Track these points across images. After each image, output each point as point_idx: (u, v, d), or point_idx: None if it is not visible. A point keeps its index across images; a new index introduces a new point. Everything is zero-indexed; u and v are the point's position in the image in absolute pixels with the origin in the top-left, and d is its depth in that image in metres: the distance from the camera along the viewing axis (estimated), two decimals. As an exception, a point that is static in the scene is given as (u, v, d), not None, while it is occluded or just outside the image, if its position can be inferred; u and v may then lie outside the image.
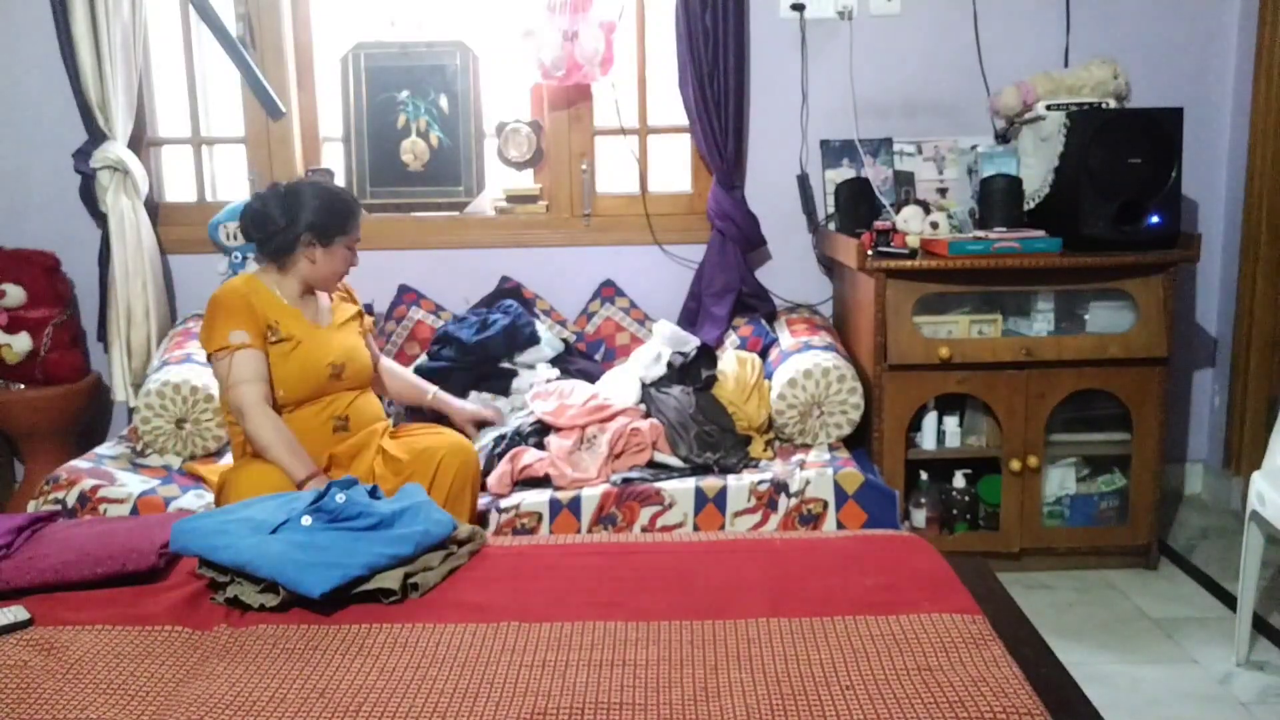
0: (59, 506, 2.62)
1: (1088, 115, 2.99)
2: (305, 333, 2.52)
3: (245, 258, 3.39)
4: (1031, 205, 3.13)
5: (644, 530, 2.65)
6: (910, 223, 3.00)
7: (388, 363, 2.93)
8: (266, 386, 2.45)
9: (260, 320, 2.46)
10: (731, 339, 3.38)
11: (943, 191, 3.41)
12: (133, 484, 2.73)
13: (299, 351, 2.49)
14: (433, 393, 2.93)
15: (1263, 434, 3.12)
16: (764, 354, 3.26)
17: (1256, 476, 2.48)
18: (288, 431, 2.43)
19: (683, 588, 1.83)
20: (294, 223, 2.49)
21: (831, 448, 2.93)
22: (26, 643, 1.64)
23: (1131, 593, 2.96)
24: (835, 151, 3.47)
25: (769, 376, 3.09)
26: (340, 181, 3.56)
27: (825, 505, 2.68)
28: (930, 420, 3.05)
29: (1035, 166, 3.14)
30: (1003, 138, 3.43)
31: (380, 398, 2.82)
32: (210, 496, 2.62)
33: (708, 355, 3.21)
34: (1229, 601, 2.83)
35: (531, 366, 3.22)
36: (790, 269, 3.59)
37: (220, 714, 1.46)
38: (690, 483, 2.72)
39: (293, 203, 2.50)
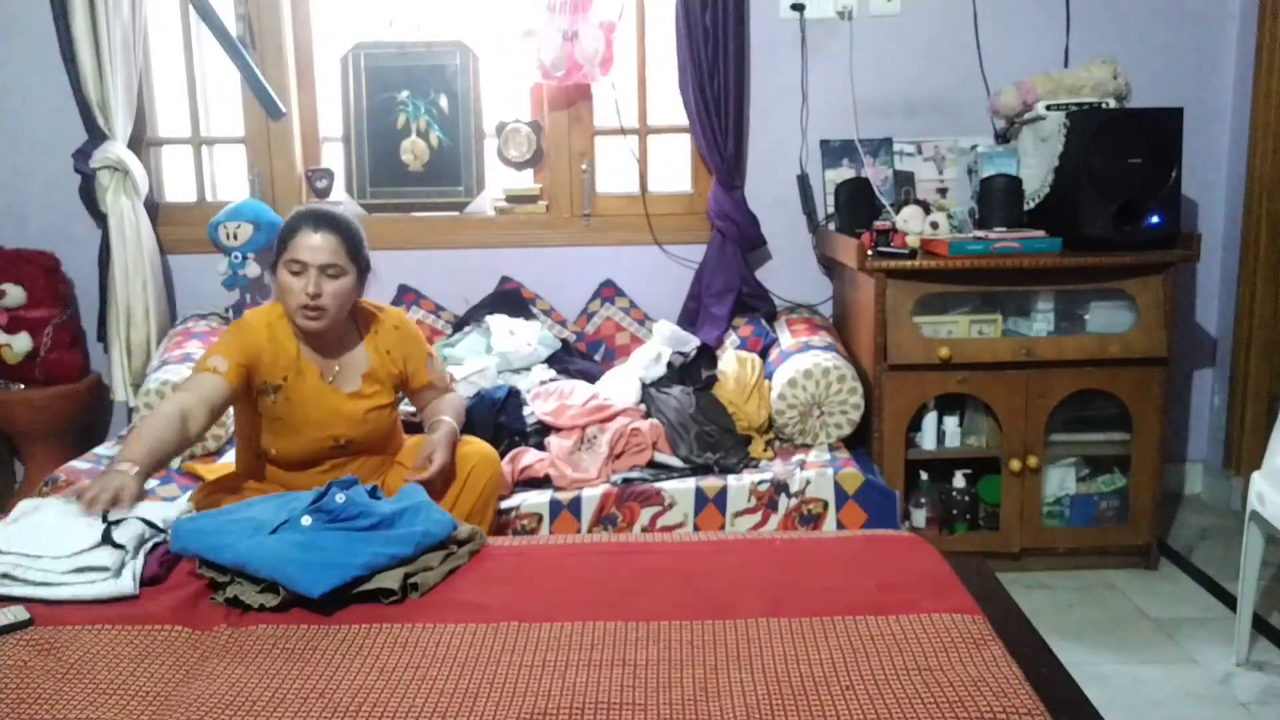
0: (59, 506, 2.61)
1: (1088, 115, 2.99)
2: (311, 393, 2.28)
3: (245, 257, 3.39)
4: (1031, 205, 3.13)
5: (644, 530, 2.66)
6: (910, 223, 3.00)
7: (428, 405, 2.51)
8: (204, 412, 2.13)
9: (253, 361, 2.23)
10: (731, 339, 3.38)
11: (943, 191, 3.42)
12: (132, 484, 2.73)
13: (295, 413, 2.28)
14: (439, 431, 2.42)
15: (1263, 434, 3.12)
16: (764, 354, 3.26)
17: (1256, 476, 2.48)
18: (161, 426, 2.06)
19: (683, 588, 1.83)
20: None
21: (831, 448, 2.93)
22: (26, 643, 1.63)
23: (1131, 593, 2.96)
24: (835, 151, 3.47)
25: (769, 376, 3.09)
26: (340, 181, 3.57)
27: (825, 505, 2.68)
28: (930, 420, 3.04)
29: (1035, 166, 3.15)
30: (1003, 138, 3.43)
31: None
32: None
33: (708, 355, 3.21)
34: (1229, 601, 2.83)
35: (528, 368, 3.22)
36: (790, 269, 3.59)
37: (220, 714, 1.46)
38: (690, 483, 2.72)
39: None
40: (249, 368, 2.23)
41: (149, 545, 1.90)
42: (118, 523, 1.87)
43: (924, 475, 3.10)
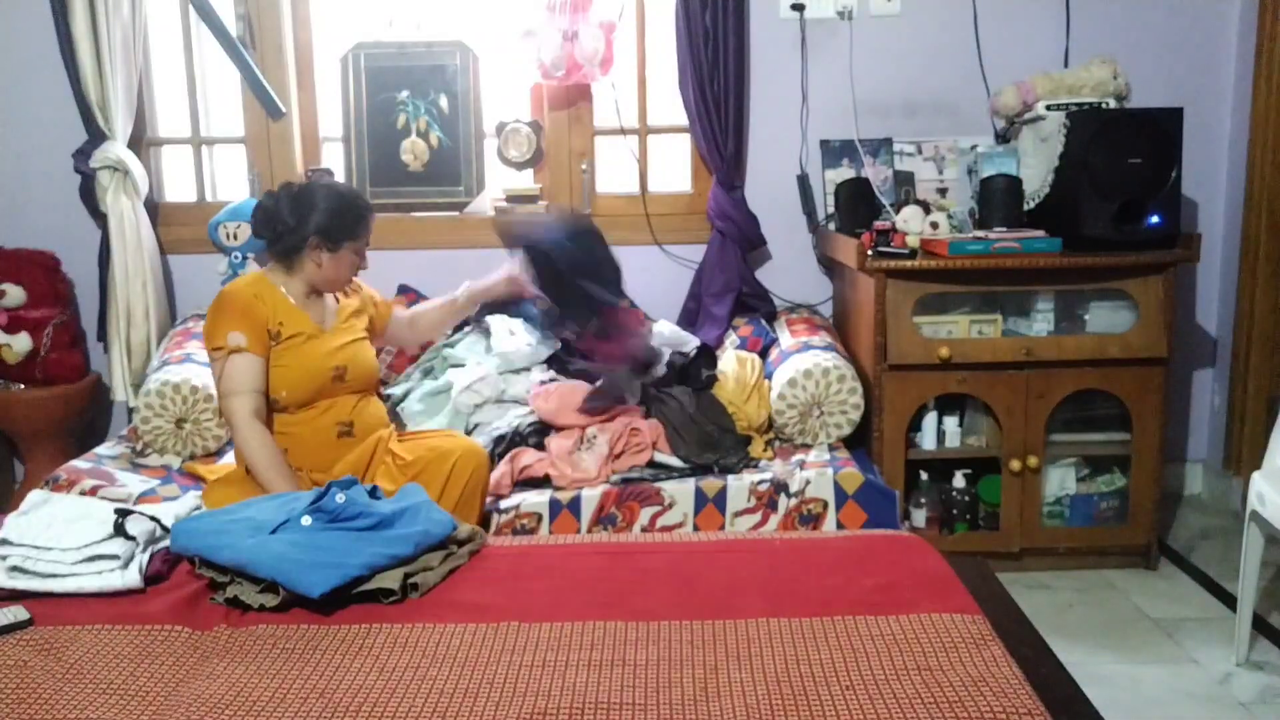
0: (59, 506, 2.62)
1: (1088, 115, 2.99)
2: (310, 334, 2.51)
3: (245, 258, 3.39)
4: (1031, 205, 3.13)
5: (644, 530, 2.66)
6: (910, 223, 3.00)
7: (407, 312, 2.97)
8: (260, 398, 2.42)
9: (262, 322, 2.44)
10: (731, 339, 3.38)
11: (943, 191, 3.41)
12: (132, 484, 2.73)
13: (302, 353, 2.48)
14: (462, 290, 3.00)
15: (1263, 434, 3.12)
16: (764, 354, 3.26)
17: (1256, 476, 2.48)
18: (275, 450, 2.41)
19: (683, 588, 1.83)
20: (303, 224, 2.48)
21: (831, 448, 2.93)
22: (26, 643, 1.64)
23: (1131, 593, 2.96)
24: (835, 151, 3.47)
25: (769, 376, 3.09)
26: (340, 181, 3.56)
27: (825, 505, 2.68)
28: (930, 420, 3.05)
29: (1035, 166, 3.14)
30: (1003, 138, 3.43)
31: (384, 398, 2.81)
32: None
33: (708, 355, 3.21)
34: (1229, 601, 2.83)
35: (527, 369, 3.22)
36: (790, 269, 3.59)
37: (220, 714, 1.46)
38: (690, 483, 2.72)
39: (304, 203, 2.49)
40: (257, 325, 2.43)
41: (156, 545, 1.91)
42: (130, 514, 1.88)
43: (924, 475, 3.10)
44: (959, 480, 3.07)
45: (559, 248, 2.92)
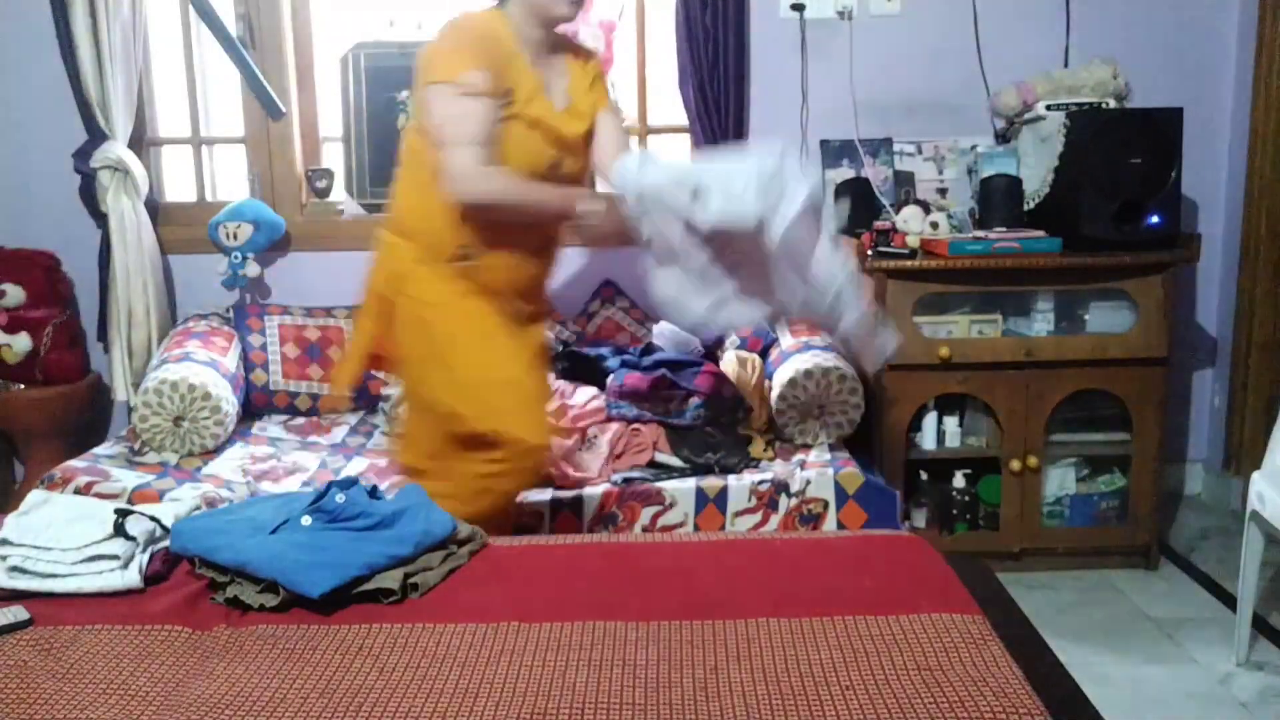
0: (58, 506, 2.61)
1: (1088, 115, 2.99)
2: (538, 109, 2.12)
3: (245, 258, 3.39)
4: (1031, 205, 3.14)
5: (644, 530, 2.66)
6: (910, 223, 3.00)
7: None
8: (489, 158, 2.02)
9: (500, 68, 2.04)
10: (732, 339, 3.37)
11: (943, 191, 3.42)
12: (128, 479, 2.73)
13: (525, 130, 2.11)
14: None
15: (1263, 434, 3.12)
16: (764, 354, 3.26)
17: (1256, 476, 2.48)
18: (521, 178, 2.05)
19: (683, 588, 1.83)
20: None
21: (832, 448, 2.93)
22: (26, 643, 1.63)
23: (1131, 593, 2.96)
24: (835, 151, 3.47)
25: (769, 376, 3.09)
26: (340, 181, 3.57)
27: (825, 505, 2.68)
28: (930, 420, 3.05)
29: (1035, 166, 3.15)
30: (1003, 138, 3.43)
31: (385, 399, 2.78)
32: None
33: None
34: (1229, 601, 2.83)
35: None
36: (790, 269, 3.59)
37: (220, 714, 1.45)
38: (691, 483, 2.72)
39: None
40: (499, 73, 2.04)
41: (156, 545, 1.91)
42: (130, 514, 1.88)
43: (924, 475, 3.10)
44: (959, 480, 3.07)
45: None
